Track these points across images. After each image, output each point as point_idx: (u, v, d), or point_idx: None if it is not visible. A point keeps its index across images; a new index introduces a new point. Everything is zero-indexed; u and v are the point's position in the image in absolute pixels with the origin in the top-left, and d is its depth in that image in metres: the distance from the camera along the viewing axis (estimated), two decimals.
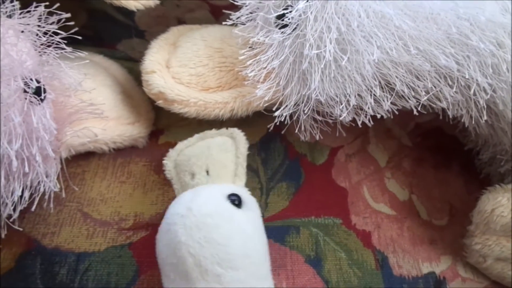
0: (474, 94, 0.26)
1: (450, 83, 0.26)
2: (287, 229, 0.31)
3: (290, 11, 0.25)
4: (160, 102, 0.30)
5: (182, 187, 0.26)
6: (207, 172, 0.26)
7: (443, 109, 0.29)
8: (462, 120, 0.29)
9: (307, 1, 0.24)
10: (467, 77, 0.25)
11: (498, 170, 0.33)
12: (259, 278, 0.22)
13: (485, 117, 0.27)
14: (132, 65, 0.38)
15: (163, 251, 0.22)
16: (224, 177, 0.26)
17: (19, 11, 0.25)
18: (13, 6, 0.24)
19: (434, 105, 0.28)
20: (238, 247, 0.21)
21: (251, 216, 0.24)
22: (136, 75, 0.35)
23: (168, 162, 0.28)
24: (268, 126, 0.30)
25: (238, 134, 0.28)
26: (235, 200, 0.23)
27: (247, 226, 0.23)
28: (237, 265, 0.21)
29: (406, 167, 0.37)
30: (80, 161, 0.33)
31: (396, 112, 0.28)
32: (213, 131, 0.29)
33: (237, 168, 0.27)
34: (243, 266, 0.21)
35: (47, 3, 0.25)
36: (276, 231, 0.31)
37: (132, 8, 0.31)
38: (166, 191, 0.33)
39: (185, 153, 0.28)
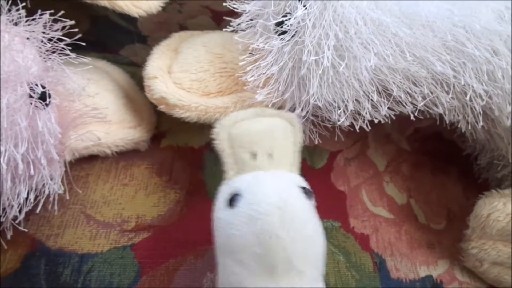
0: (470, 100, 0.26)
1: (447, 89, 0.27)
2: None
3: (289, 19, 0.25)
4: (162, 107, 0.31)
5: (237, 164, 0.24)
6: (270, 155, 0.24)
7: (440, 115, 0.29)
8: (459, 126, 0.29)
9: (306, 8, 0.25)
10: (462, 83, 0.26)
11: (496, 175, 0.33)
12: (323, 275, 0.22)
13: (481, 123, 0.27)
14: (134, 70, 0.39)
15: (246, 237, 0.20)
16: (284, 164, 0.25)
17: (25, 19, 0.25)
18: (19, 14, 0.25)
19: (431, 111, 0.28)
20: (321, 245, 0.22)
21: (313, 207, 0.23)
22: (138, 80, 0.36)
23: (222, 131, 0.25)
24: None
25: (297, 122, 0.26)
26: (307, 193, 0.23)
27: (319, 222, 0.22)
28: (317, 264, 0.21)
29: (404, 171, 0.37)
30: (83, 164, 0.34)
31: (394, 117, 0.28)
32: (273, 110, 0.27)
33: (294, 157, 0.26)
34: (320, 265, 0.22)
35: (52, 11, 0.25)
36: None
37: (135, 15, 0.31)
38: (168, 193, 0.33)
39: (242, 126, 0.25)
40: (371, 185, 0.36)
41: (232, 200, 0.22)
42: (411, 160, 0.38)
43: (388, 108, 0.28)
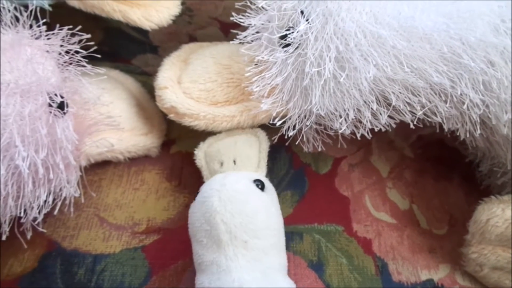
0: (468, 109, 0.27)
1: (444, 98, 0.28)
2: (291, 235, 0.33)
3: (292, 32, 0.26)
4: (172, 116, 0.32)
5: (211, 173, 0.31)
6: (234, 162, 0.30)
7: (440, 123, 0.30)
8: (458, 134, 0.30)
9: (308, 23, 0.26)
10: (459, 93, 0.26)
11: (496, 182, 0.34)
12: (277, 249, 0.26)
13: (479, 131, 0.28)
14: (146, 79, 0.41)
15: (198, 219, 0.25)
16: (249, 167, 0.30)
17: (45, 33, 0.27)
18: (40, 29, 0.26)
19: (430, 119, 0.29)
20: (262, 221, 0.25)
21: (272, 198, 0.28)
22: (149, 89, 0.38)
23: (199, 152, 0.32)
24: (273, 138, 0.31)
25: (262, 133, 0.32)
26: (259, 185, 0.27)
27: (270, 205, 0.27)
28: (260, 235, 0.25)
29: (407, 177, 0.38)
30: (97, 169, 0.35)
31: (394, 126, 0.29)
32: (240, 130, 0.33)
33: (259, 161, 0.31)
34: (265, 236, 0.25)
35: (70, 26, 0.27)
36: None
37: (147, 28, 0.33)
38: (177, 197, 0.35)
39: (214, 145, 0.32)
40: (374, 190, 0.37)
41: (195, 197, 0.27)
42: (414, 166, 0.39)
43: (388, 116, 0.29)
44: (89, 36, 0.27)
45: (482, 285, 0.31)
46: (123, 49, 0.44)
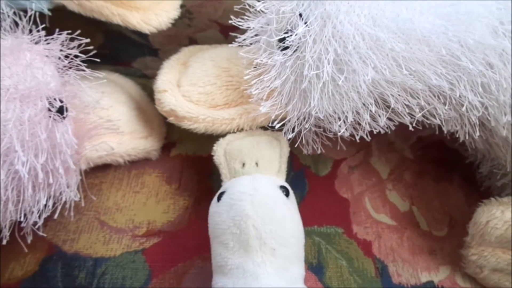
0: (467, 111, 0.27)
1: (443, 100, 0.28)
2: None
3: (291, 35, 0.26)
4: (171, 119, 0.32)
5: (231, 173, 0.30)
6: (257, 164, 0.30)
7: (439, 125, 0.30)
8: (457, 135, 0.30)
9: (306, 25, 0.26)
10: (458, 95, 0.26)
11: (496, 183, 0.34)
12: (298, 259, 0.26)
13: (478, 133, 0.28)
14: (146, 81, 0.41)
15: (225, 221, 0.25)
16: (270, 171, 0.30)
17: (44, 38, 0.27)
18: (39, 34, 0.27)
19: (429, 121, 0.29)
20: (290, 229, 0.25)
21: (296, 206, 0.28)
22: (149, 92, 0.38)
23: (219, 148, 0.31)
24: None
25: (283, 137, 0.31)
26: (284, 191, 0.27)
27: (295, 213, 0.27)
28: (288, 244, 0.25)
29: (407, 179, 0.38)
30: (97, 172, 0.35)
31: (393, 128, 0.29)
32: (261, 130, 0.33)
33: (280, 166, 0.30)
34: (291, 245, 0.25)
35: (69, 31, 0.27)
36: None
37: (146, 31, 0.33)
38: (177, 200, 0.35)
39: (235, 144, 0.31)
40: (374, 192, 0.37)
41: (220, 197, 0.27)
42: (414, 168, 0.39)
43: (388, 118, 0.29)
44: (88, 40, 0.27)
45: (483, 287, 0.31)
46: (124, 52, 0.44)
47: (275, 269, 0.24)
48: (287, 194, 0.27)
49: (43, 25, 0.27)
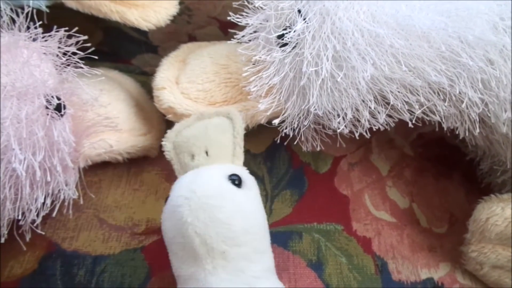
0: (467, 108, 0.27)
1: (443, 97, 0.27)
2: (290, 234, 0.33)
3: (289, 31, 0.26)
4: (170, 116, 0.32)
5: (183, 168, 0.27)
6: (207, 153, 0.27)
7: (439, 121, 0.30)
8: (457, 132, 0.30)
9: (305, 22, 0.26)
10: (458, 92, 0.26)
11: (496, 180, 0.33)
12: (260, 252, 0.24)
13: (478, 130, 0.28)
14: (145, 79, 0.41)
15: (170, 231, 0.23)
16: (223, 157, 0.27)
17: (42, 35, 0.27)
18: (37, 31, 0.26)
19: (429, 118, 0.29)
20: (240, 226, 0.23)
21: (250, 195, 0.25)
22: (149, 89, 0.37)
23: (167, 143, 0.28)
24: (275, 139, 0.31)
25: (235, 114, 0.28)
26: (236, 180, 0.24)
27: (246, 205, 0.24)
28: (240, 242, 0.22)
29: (407, 176, 0.38)
30: (96, 170, 0.35)
31: (393, 124, 0.29)
32: (211, 110, 0.29)
33: (235, 148, 0.27)
34: (245, 242, 0.23)
35: (67, 28, 0.27)
36: (280, 236, 0.33)
37: (144, 28, 0.33)
38: None
39: (183, 134, 0.28)
40: (374, 189, 0.37)
41: (166, 201, 0.25)
42: (414, 165, 0.39)
43: (387, 115, 0.28)
44: (86, 37, 0.27)
45: (483, 283, 0.31)
46: (123, 49, 0.44)
47: (229, 273, 0.22)
48: (239, 183, 0.24)
49: (41, 22, 0.27)
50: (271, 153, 0.38)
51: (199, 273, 0.22)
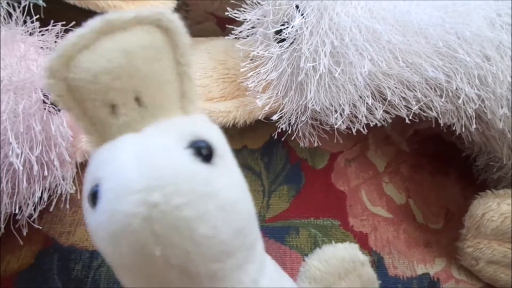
0: (463, 104, 0.27)
1: (440, 93, 0.28)
2: (287, 229, 0.33)
3: (287, 27, 0.26)
4: None
5: (98, 129, 0.16)
6: (137, 100, 0.15)
7: (436, 117, 0.30)
8: (454, 128, 0.30)
9: (303, 17, 0.26)
10: (455, 88, 0.26)
11: (492, 176, 0.34)
12: (254, 244, 0.17)
13: (474, 126, 0.28)
14: None
15: (119, 255, 0.14)
16: (167, 102, 0.16)
17: (39, 29, 0.27)
18: (34, 25, 0.26)
19: (425, 114, 0.29)
20: (229, 228, 0.15)
21: (227, 168, 0.15)
22: None
23: (54, 82, 0.15)
24: (272, 135, 0.31)
25: (169, 19, 0.15)
26: (202, 149, 0.14)
27: (230, 193, 0.15)
28: (234, 249, 0.15)
29: (404, 172, 0.38)
30: None
31: (390, 120, 0.29)
32: (125, 15, 0.15)
33: (183, 83, 0.16)
34: (239, 245, 0.16)
35: (64, 22, 0.27)
36: (277, 231, 0.33)
37: None
38: None
39: (82, 65, 0.14)
40: (370, 185, 0.37)
41: (94, 196, 0.14)
42: (411, 161, 0.39)
43: (384, 111, 0.29)
44: None
45: (478, 279, 0.31)
46: None
47: None
48: (208, 155, 0.14)
49: (38, 16, 0.26)
50: (269, 149, 0.38)
51: None
